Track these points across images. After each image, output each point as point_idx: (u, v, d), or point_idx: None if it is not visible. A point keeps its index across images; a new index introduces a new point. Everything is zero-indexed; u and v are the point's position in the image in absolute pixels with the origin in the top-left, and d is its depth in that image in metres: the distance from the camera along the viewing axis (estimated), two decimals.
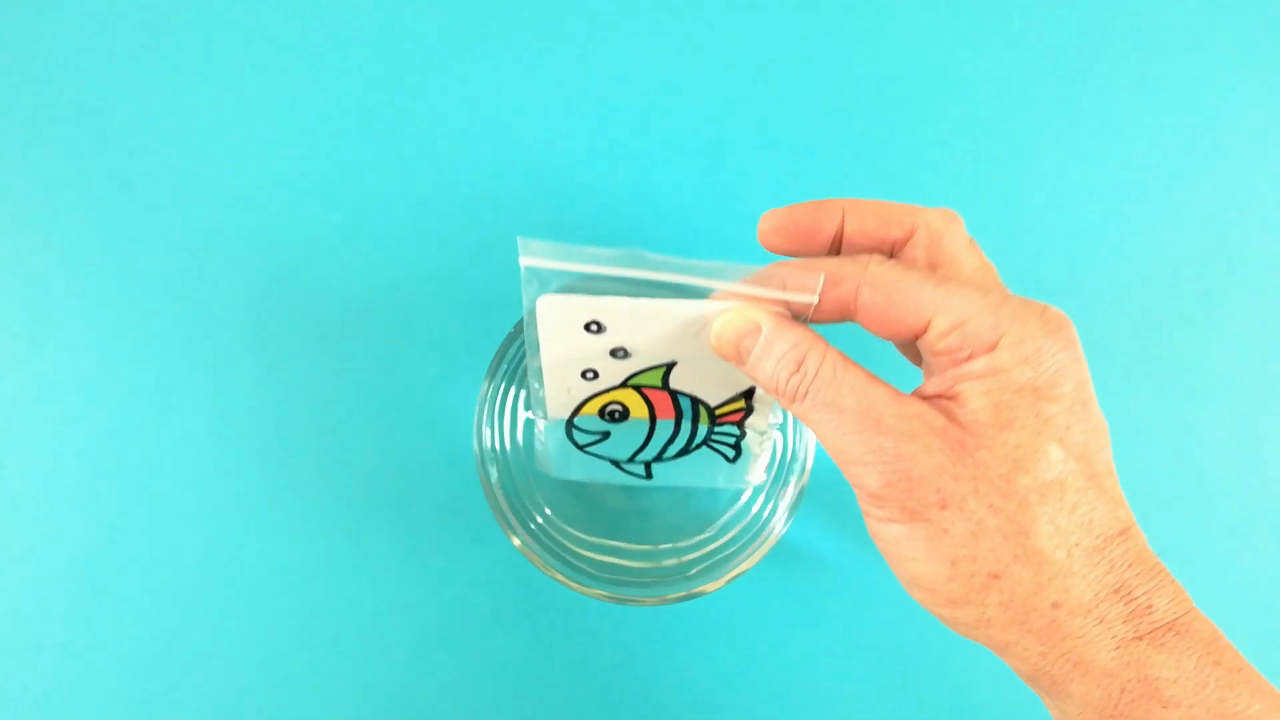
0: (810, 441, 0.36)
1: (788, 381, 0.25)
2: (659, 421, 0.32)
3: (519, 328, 0.36)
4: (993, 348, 0.24)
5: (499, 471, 0.37)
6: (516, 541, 0.35)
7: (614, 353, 0.29)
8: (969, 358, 0.24)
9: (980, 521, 0.23)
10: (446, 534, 0.40)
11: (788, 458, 0.37)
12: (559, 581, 0.35)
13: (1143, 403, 0.42)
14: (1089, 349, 0.23)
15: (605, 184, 0.42)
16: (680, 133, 0.42)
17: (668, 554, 0.39)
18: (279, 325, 0.41)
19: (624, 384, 0.30)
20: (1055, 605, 0.23)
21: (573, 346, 0.29)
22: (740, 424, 0.32)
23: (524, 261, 0.26)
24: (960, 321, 0.24)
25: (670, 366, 0.29)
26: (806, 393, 0.25)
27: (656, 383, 0.30)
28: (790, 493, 0.36)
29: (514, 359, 0.36)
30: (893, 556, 0.25)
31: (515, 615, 0.40)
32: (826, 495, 0.40)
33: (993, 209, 0.42)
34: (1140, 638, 0.23)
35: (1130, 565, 0.23)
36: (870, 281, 0.25)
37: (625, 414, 0.31)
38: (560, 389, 0.31)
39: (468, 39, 0.42)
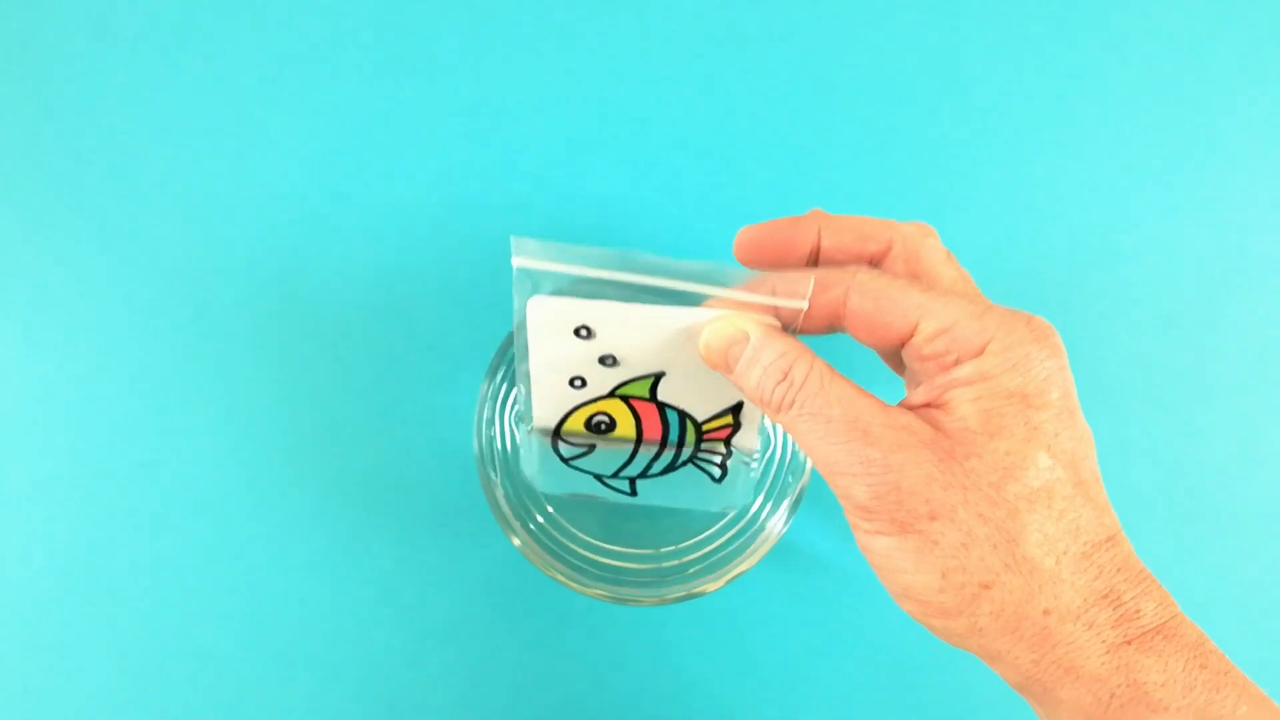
0: None
1: (774, 390, 0.25)
2: (644, 440, 0.32)
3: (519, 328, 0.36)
4: (980, 352, 0.24)
5: (499, 471, 0.37)
6: (516, 541, 0.35)
7: (603, 360, 0.29)
8: (956, 363, 0.24)
9: (970, 531, 0.23)
10: (446, 534, 0.40)
11: (787, 458, 0.37)
12: (559, 581, 0.35)
13: (1142, 406, 0.42)
14: (1088, 352, 0.24)
15: (603, 186, 0.42)
16: (678, 135, 0.42)
17: (668, 554, 0.39)
18: (279, 325, 0.41)
19: (611, 394, 0.30)
20: (1046, 612, 0.23)
21: (562, 352, 0.28)
22: (727, 442, 0.32)
23: (516, 262, 0.26)
24: (947, 326, 0.24)
25: (659, 377, 0.29)
26: (793, 402, 0.25)
27: (644, 394, 0.30)
28: (790, 493, 0.36)
29: (514, 359, 0.37)
30: (883, 569, 0.25)
31: (515, 615, 0.40)
32: (826, 495, 0.40)
33: (992, 211, 0.42)
34: (1129, 642, 0.23)
35: (1118, 571, 0.24)
36: (858, 288, 0.25)
37: (611, 426, 0.31)
38: (548, 397, 0.30)
39: (467, 41, 0.42)
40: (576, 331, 0.28)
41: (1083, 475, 0.24)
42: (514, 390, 0.38)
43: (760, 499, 0.38)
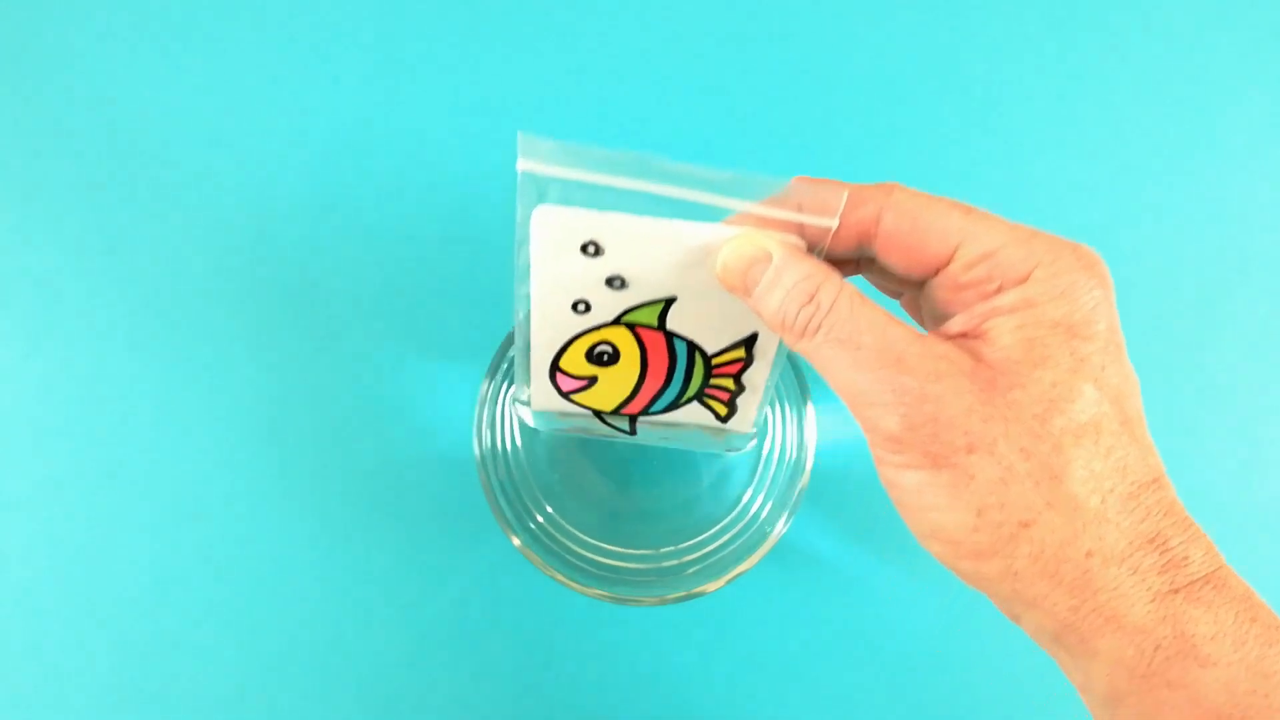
0: (810, 442, 0.36)
1: (797, 314, 0.23)
2: (649, 374, 0.29)
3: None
4: (1024, 280, 0.22)
5: (499, 471, 0.37)
6: (516, 541, 0.35)
7: (610, 281, 0.26)
8: (998, 290, 0.23)
9: (1010, 466, 0.21)
10: (446, 534, 0.40)
11: (788, 458, 0.37)
12: (559, 581, 0.35)
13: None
14: None
15: None
16: (680, 134, 0.42)
17: (668, 554, 0.39)
18: (278, 325, 0.41)
19: (617, 320, 0.27)
20: (1089, 554, 0.21)
21: (566, 271, 0.26)
22: (738, 378, 0.29)
23: (522, 165, 0.23)
24: (990, 251, 0.23)
25: (669, 303, 0.27)
26: (819, 327, 0.23)
27: (653, 321, 0.27)
28: (790, 493, 0.36)
29: (514, 360, 0.36)
30: (909, 506, 0.23)
31: (515, 615, 0.40)
32: (826, 495, 0.40)
33: (992, 211, 0.42)
34: (1176, 591, 0.21)
35: (1164, 514, 0.22)
36: (894, 206, 0.24)
37: (614, 358, 0.29)
38: (548, 322, 0.28)
39: (470, 37, 0.42)
40: (584, 248, 0.25)
41: (1129, 413, 0.22)
42: (514, 389, 0.38)
43: (760, 499, 0.38)
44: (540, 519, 0.38)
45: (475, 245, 0.41)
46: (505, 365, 0.36)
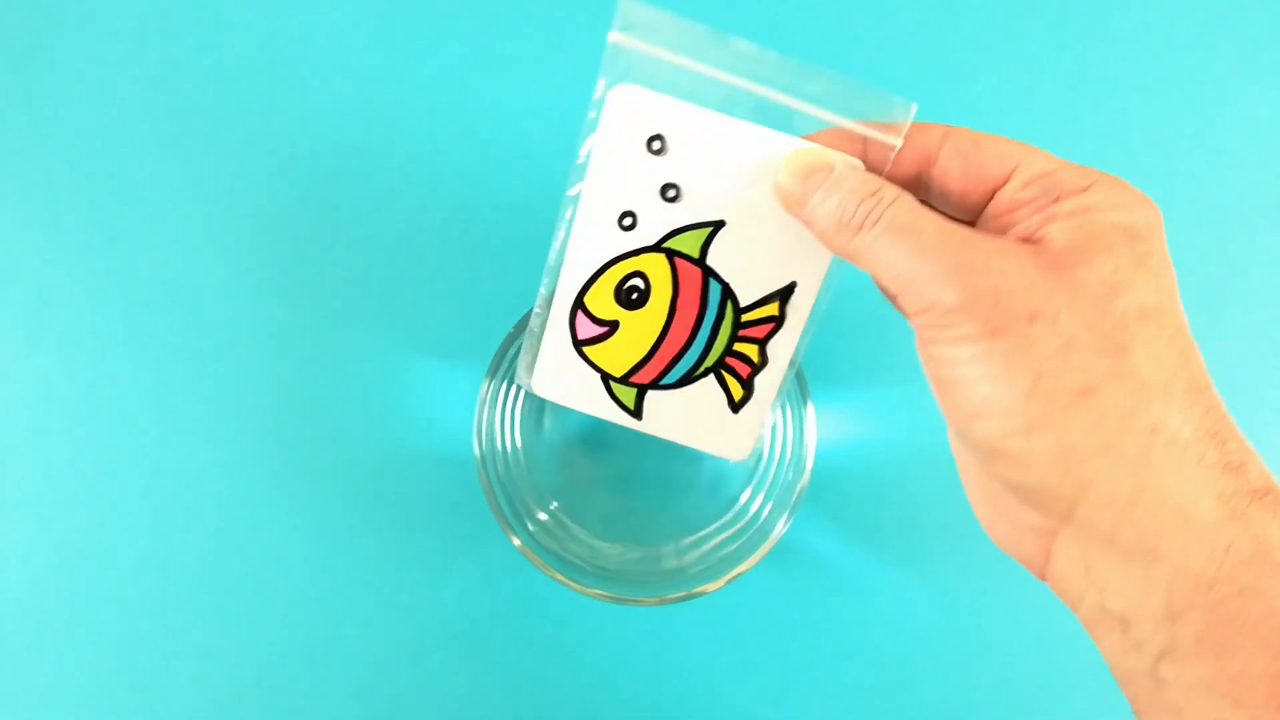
0: (810, 442, 0.36)
1: (858, 207, 0.23)
2: (674, 325, 0.28)
3: (519, 328, 0.36)
4: (1083, 191, 0.22)
5: (499, 471, 0.37)
6: (516, 541, 0.35)
7: (665, 190, 0.26)
8: (1056, 200, 0.22)
9: (1073, 337, 0.21)
10: (446, 534, 0.40)
11: (788, 457, 0.37)
12: (559, 581, 0.35)
13: None
14: None
15: None
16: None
17: (668, 554, 0.39)
18: (278, 325, 0.41)
19: (659, 245, 0.27)
20: (1153, 430, 0.20)
21: (625, 170, 0.26)
22: (763, 345, 0.29)
23: (614, 36, 0.23)
24: (1048, 171, 0.23)
25: (716, 229, 0.26)
26: (879, 218, 0.23)
27: (694, 252, 0.27)
28: (790, 493, 0.36)
29: (514, 359, 0.36)
30: (959, 381, 0.22)
31: (515, 615, 0.40)
32: (826, 495, 0.40)
33: None
34: (1242, 494, 0.20)
35: (1221, 418, 0.21)
36: (954, 133, 0.24)
37: (644, 297, 0.28)
38: (589, 238, 0.27)
39: (472, 35, 0.42)
40: (649, 143, 0.25)
41: (1184, 318, 0.22)
42: (514, 390, 0.38)
43: (760, 499, 0.38)
44: (540, 519, 0.38)
45: (476, 245, 0.41)
46: (505, 365, 0.36)
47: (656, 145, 0.25)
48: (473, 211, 0.41)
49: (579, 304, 0.28)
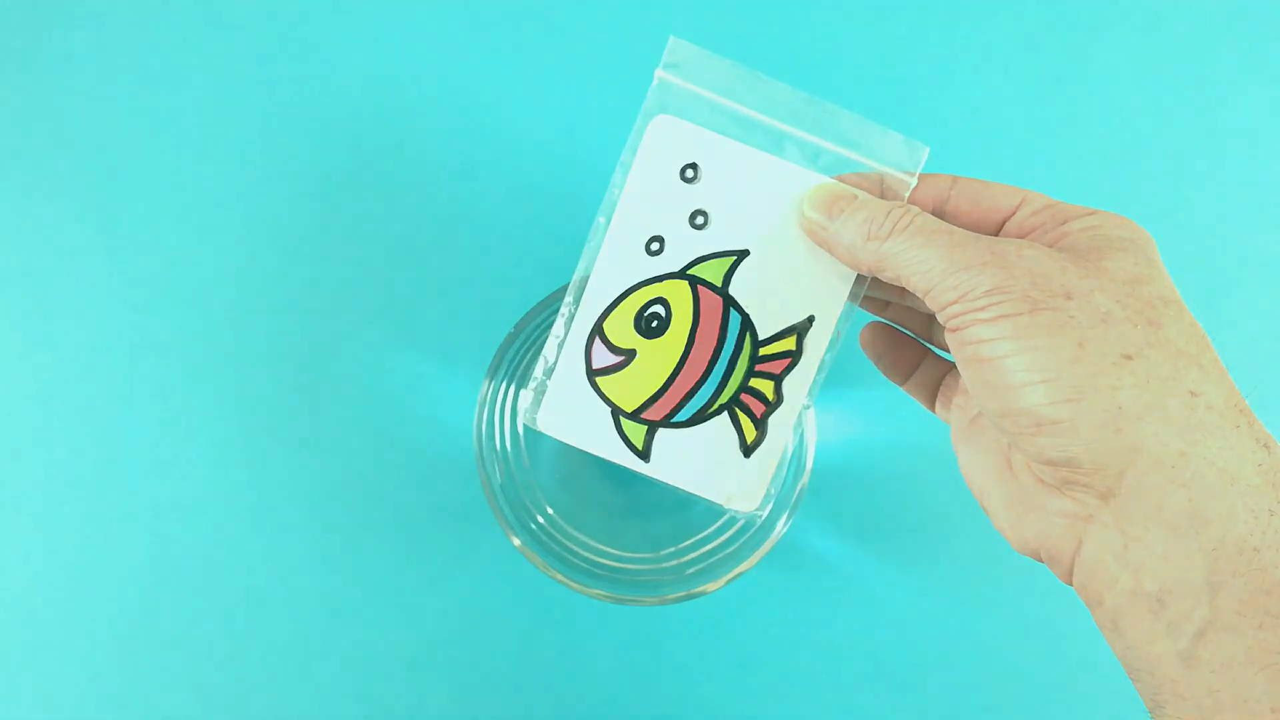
0: (810, 442, 0.36)
1: (886, 217, 0.24)
2: (691, 357, 0.28)
3: (519, 327, 0.36)
4: (1089, 214, 0.24)
5: (499, 472, 0.37)
6: (516, 541, 0.35)
7: (694, 216, 0.27)
8: (1064, 222, 0.24)
9: (1109, 312, 0.22)
10: (446, 534, 0.40)
11: (788, 457, 0.37)
12: (559, 581, 0.35)
13: None
14: None
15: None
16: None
17: (668, 554, 0.39)
18: (278, 325, 0.41)
19: (683, 271, 0.28)
20: (1193, 394, 0.21)
21: (658, 194, 0.27)
22: (779, 381, 0.29)
23: (661, 74, 0.25)
24: (1053, 203, 0.25)
25: (741, 258, 0.28)
26: (908, 226, 0.24)
27: (718, 281, 0.28)
28: (790, 493, 0.36)
29: (514, 359, 0.36)
30: (997, 357, 0.22)
31: (515, 615, 0.40)
32: (826, 495, 0.40)
33: None
34: (1275, 466, 0.20)
35: (1240, 401, 0.22)
36: (962, 180, 0.26)
37: (664, 325, 0.28)
38: (616, 261, 0.28)
39: (473, 36, 0.42)
40: (683, 171, 0.27)
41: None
42: (514, 390, 0.38)
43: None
44: (540, 519, 0.38)
45: (476, 245, 0.41)
46: (505, 365, 0.36)
47: (690, 173, 0.27)
48: (473, 212, 0.41)
49: (598, 330, 0.28)
